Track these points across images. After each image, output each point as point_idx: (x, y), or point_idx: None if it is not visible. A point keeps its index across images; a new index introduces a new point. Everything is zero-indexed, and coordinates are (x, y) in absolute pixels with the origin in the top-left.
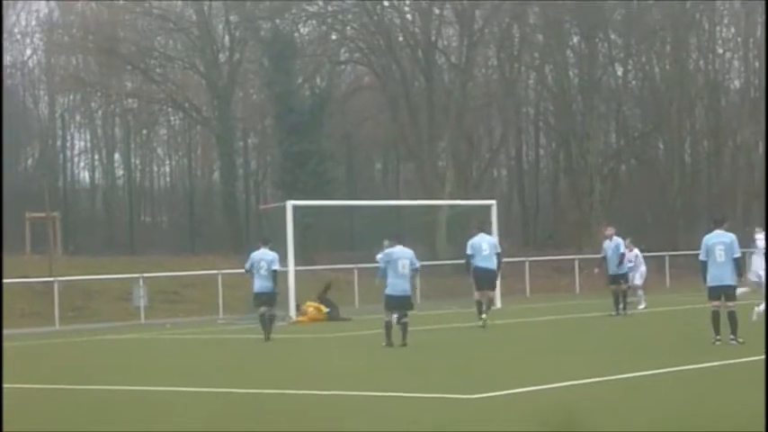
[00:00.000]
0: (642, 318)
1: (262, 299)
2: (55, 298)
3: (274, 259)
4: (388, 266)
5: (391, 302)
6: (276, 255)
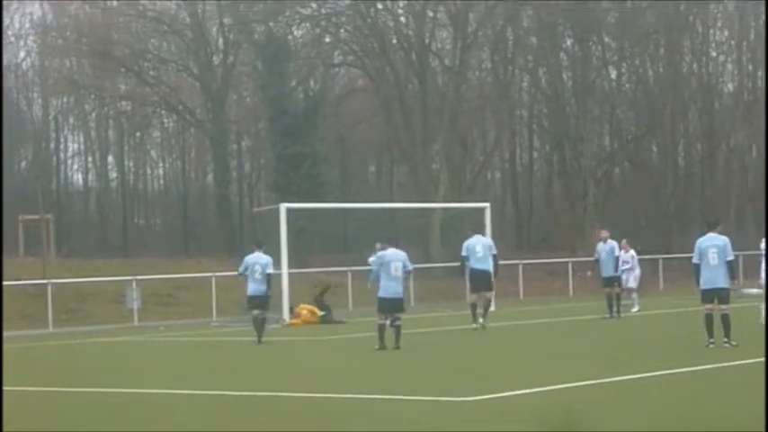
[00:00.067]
0: (635, 321)
1: (255, 302)
2: (48, 300)
3: (269, 263)
4: (381, 269)
5: (384, 305)
6: (270, 258)
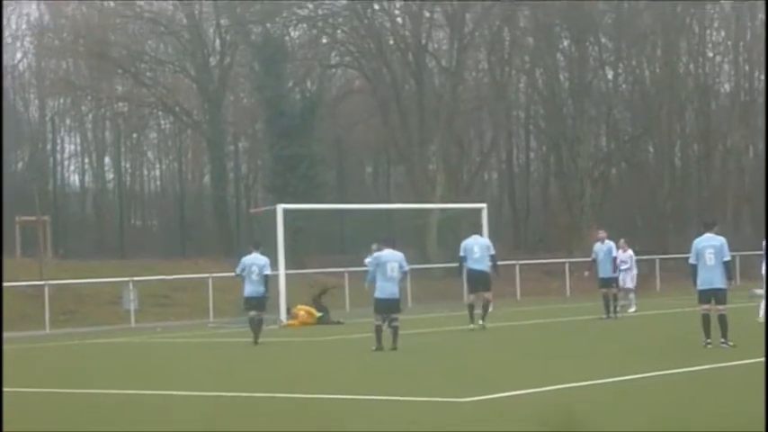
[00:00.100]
0: (632, 321)
1: (252, 303)
2: (45, 301)
3: (266, 264)
4: (377, 270)
5: (380, 306)
6: (268, 259)
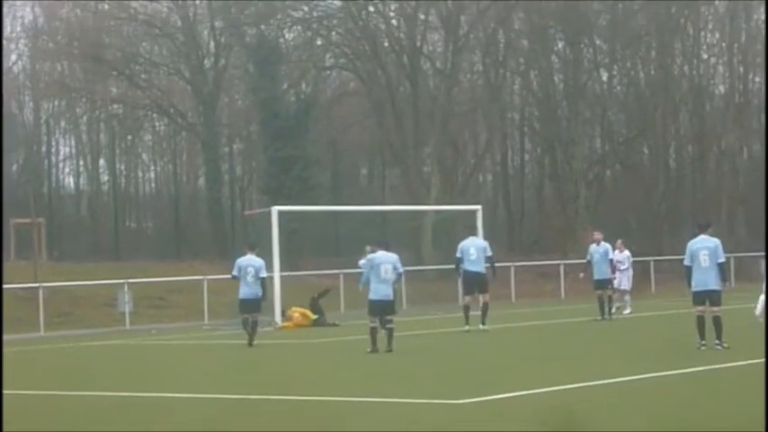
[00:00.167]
0: (627, 323)
1: (247, 305)
2: (40, 304)
3: (262, 266)
4: (371, 272)
5: (374, 307)
6: (263, 261)
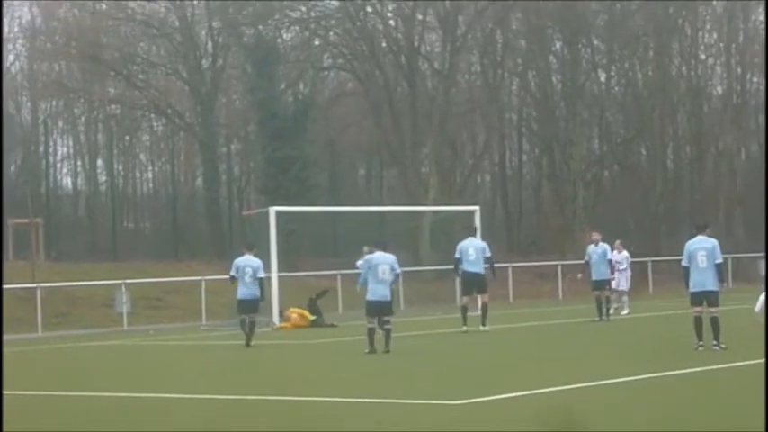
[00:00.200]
0: (625, 323)
1: (245, 305)
2: (38, 304)
3: (260, 266)
4: (369, 272)
5: (372, 308)
6: (261, 261)
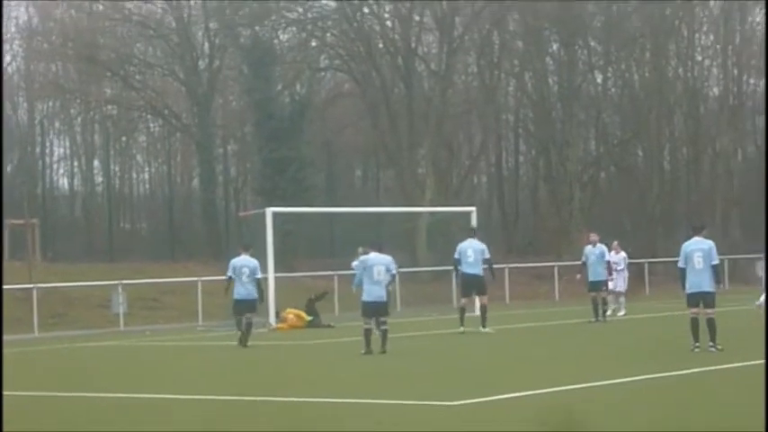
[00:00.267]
0: (622, 324)
1: (242, 305)
2: (34, 305)
3: (257, 267)
4: (364, 273)
5: (367, 309)
6: (258, 262)
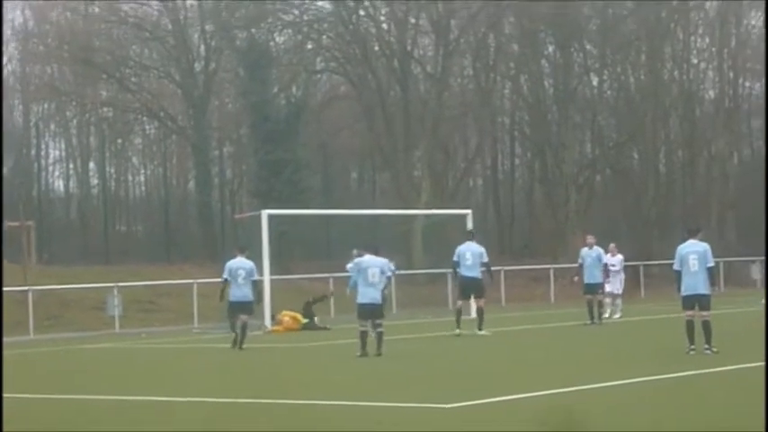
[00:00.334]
0: (617, 327)
1: (238, 307)
2: (29, 307)
3: (253, 268)
4: (359, 276)
5: (362, 311)
6: (253, 264)
